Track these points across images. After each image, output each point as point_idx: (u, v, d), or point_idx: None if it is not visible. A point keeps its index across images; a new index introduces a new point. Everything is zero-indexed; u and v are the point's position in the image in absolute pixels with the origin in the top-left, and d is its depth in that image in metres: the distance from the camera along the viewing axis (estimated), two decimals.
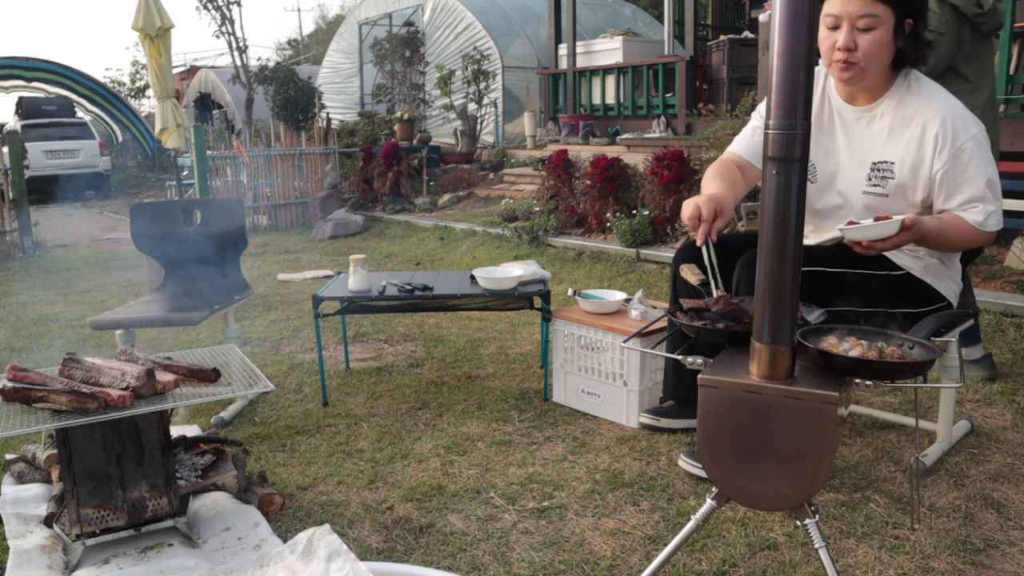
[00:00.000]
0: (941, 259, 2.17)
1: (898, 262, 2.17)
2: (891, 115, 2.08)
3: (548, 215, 6.48)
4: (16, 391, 1.86)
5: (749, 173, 2.31)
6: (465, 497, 2.29)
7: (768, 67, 1.44)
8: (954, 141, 1.98)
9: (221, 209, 3.42)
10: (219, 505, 2.20)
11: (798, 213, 1.44)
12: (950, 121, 1.99)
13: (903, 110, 2.06)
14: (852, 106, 2.15)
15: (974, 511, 2.09)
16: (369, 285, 3.07)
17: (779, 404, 1.49)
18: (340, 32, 16.26)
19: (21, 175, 7.75)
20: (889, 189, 2.09)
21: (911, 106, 2.05)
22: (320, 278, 5.88)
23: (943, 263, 2.18)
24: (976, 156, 1.98)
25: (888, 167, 2.08)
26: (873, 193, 2.11)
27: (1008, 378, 3.02)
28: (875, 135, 2.10)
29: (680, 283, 2.47)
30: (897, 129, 2.07)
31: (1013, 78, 4.56)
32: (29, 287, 6.07)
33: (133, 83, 26.21)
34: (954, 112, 2.01)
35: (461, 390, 3.20)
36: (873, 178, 2.11)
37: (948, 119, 1.99)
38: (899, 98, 2.07)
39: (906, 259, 2.17)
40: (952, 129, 1.98)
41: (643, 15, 13.80)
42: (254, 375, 2.08)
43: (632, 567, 1.91)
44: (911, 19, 2.00)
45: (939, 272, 2.17)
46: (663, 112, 8.79)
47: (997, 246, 4.47)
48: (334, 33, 17.27)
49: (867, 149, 2.12)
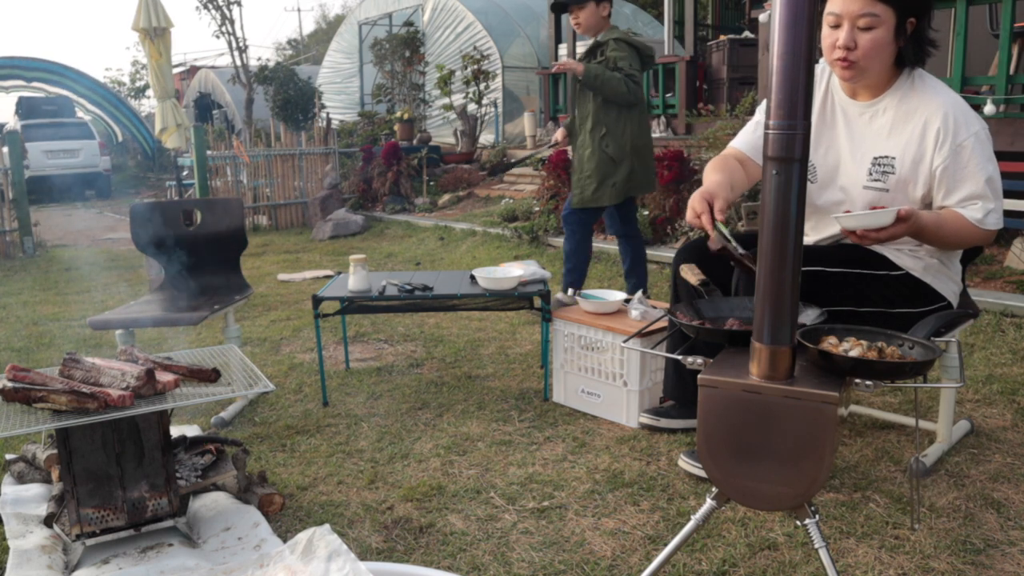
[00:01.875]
0: (941, 259, 2.17)
1: (898, 262, 2.16)
2: (893, 110, 2.08)
3: (548, 215, 6.48)
4: (16, 391, 1.86)
5: (749, 167, 2.30)
6: (465, 497, 2.29)
7: (768, 67, 1.44)
8: (955, 137, 1.98)
9: (221, 209, 3.42)
10: (219, 505, 2.20)
11: (798, 213, 1.44)
12: (952, 117, 1.99)
13: (905, 105, 2.06)
14: (855, 101, 2.15)
15: (974, 511, 2.09)
16: (369, 285, 3.07)
17: (779, 404, 1.49)
18: (340, 32, 16.26)
19: (21, 175, 7.75)
20: (890, 184, 2.09)
21: (913, 102, 2.05)
22: (320, 278, 5.88)
23: (943, 263, 2.17)
24: (977, 153, 1.98)
25: (889, 162, 2.08)
26: (874, 188, 2.11)
27: (1008, 378, 3.02)
28: (877, 130, 2.11)
29: (681, 283, 2.47)
30: (899, 124, 2.07)
31: (1013, 78, 4.56)
32: (29, 287, 6.07)
33: (133, 83, 26.23)
34: (956, 108, 2.01)
35: (461, 390, 3.20)
36: (874, 173, 2.11)
37: (951, 115, 1.99)
38: (902, 94, 2.07)
39: (906, 259, 2.16)
40: (954, 125, 1.98)
41: (643, 15, 13.80)
42: (254, 375, 2.08)
43: (632, 567, 1.91)
44: (913, 19, 2.00)
45: (939, 272, 2.17)
46: (663, 112, 8.79)
47: (997, 246, 4.47)
48: (334, 33, 17.27)
49: (869, 144, 2.12)
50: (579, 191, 3.99)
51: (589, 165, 3.94)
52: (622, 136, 3.93)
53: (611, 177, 3.94)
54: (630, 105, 3.93)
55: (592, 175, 3.93)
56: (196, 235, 3.39)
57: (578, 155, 4.02)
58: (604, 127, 3.93)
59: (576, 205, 4.02)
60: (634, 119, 3.98)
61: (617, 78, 3.81)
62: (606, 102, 3.91)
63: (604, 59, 3.89)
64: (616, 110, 3.92)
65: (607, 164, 3.92)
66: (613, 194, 3.94)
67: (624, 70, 3.84)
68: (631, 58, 3.89)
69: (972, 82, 4.75)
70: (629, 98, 3.88)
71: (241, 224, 3.41)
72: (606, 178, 3.93)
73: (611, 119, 3.92)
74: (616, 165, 3.92)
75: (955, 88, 4.68)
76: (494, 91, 11.77)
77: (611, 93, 3.84)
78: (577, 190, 4.00)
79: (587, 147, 3.95)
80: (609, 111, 3.91)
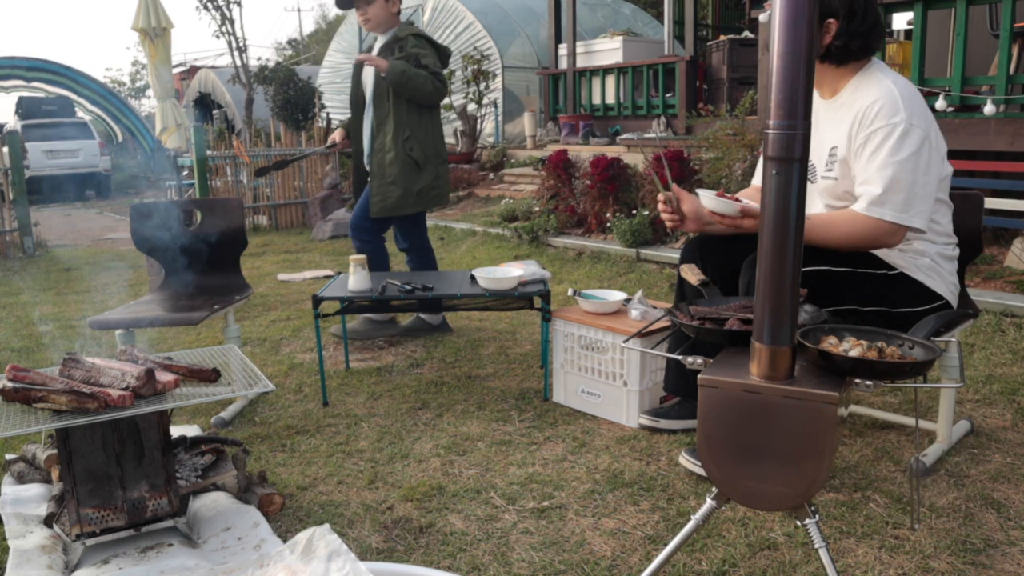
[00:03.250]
0: (933, 258, 2.19)
1: (889, 260, 2.20)
2: (847, 103, 2.17)
3: (548, 215, 6.49)
4: (16, 391, 1.86)
5: None
6: (465, 497, 2.29)
7: (768, 67, 1.44)
8: (871, 124, 2.05)
9: (221, 209, 3.42)
10: (219, 505, 2.20)
11: (798, 213, 1.44)
12: (878, 105, 2.05)
13: (854, 96, 2.15)
14: (823, 100, 2.26)
15: (974, 511, 2.09)
16: (369, 285, 3.07)
17: (779, 404, 1.49)
18: (340, 32, 16.25)
19: (21, 175, 7.75)
20: (837, 172, 2.19)
21: (861, 92, 2.14)
22: (320, 278, 5.88)
23: (935, 262, 2.19)
24: (887, 144, 2.02)
25: (835, 152, 2.18)
26: (828, 178, 2.23)
27: (1008, 378, 3.02)
28: (835, 124, 2.20)
29: (686, 282, 2.48)
30: (846, 115, 2.15)
31: (1013, 78, 4.56)
32: (29, 287, 6.07)
33: (133, 83, 26.25)
34: (888, 98, 2.05)
35: (461, 390, 3.20)
36: (829, 163, 2.22)
37: (877, 103, 2.05)
38: (855, 87, 2.16)
39: (896, 258, 2.19)
40: (876, 113, 2.05)
41: (643, 15, 13.80)
42: (254, 375, 2.08)
43: (632, 567, 1.91)
44: (832, 19, 2.09)
45: (931, 271, 2.18)
46: (663, 112, 8.79)
47: (997, 246, 4.47)
48: (334, 33, 17.26)
49: (827, 136, 2.22)
50: (379, 199, 3.74)
51: (392, 170, 3.71)
52: (426, 139, 3.75)
53: (415, 183, 3.74)
54: (430, 106, 3.74)
55: (396, 181, 3.71)
56: (196, 235, 3.39)
57: (376, 160, 3.77)
58: (407, 129, 3.71)
59: (376, 214, 3.77)
60: (435, 121, 3.80)
61: (423, 76, 3.60)
62: (408, 102, 3.68)
63: (404, 55, 3.65)
64: (418, 111, 3.72)
65: (411, 169, 3.72)
66: (416, 202, 3.75)
67: (429, 68, 3.64)
68: (434, 56, 3.71)
69: (972, 82, 4.74)
70: (434, 97, 3.69)
71: (241, 224, 3.41)
72: (411, 184, 3.73)
73: (413, 120, 3.72)
74: (420, 170, 3.74)
75: (955, 88, 4.68)
76: (494, 91, 11.76)
77: (416, 92, 3.62)
78: (377, 198, 3.75)
79: (389, 151, 3.72)
80: (411, 112, 3.71)
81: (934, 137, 2.07)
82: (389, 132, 3.72)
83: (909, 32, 7.81)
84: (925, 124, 2.03)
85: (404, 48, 3.70)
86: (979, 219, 2.47)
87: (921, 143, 2.01)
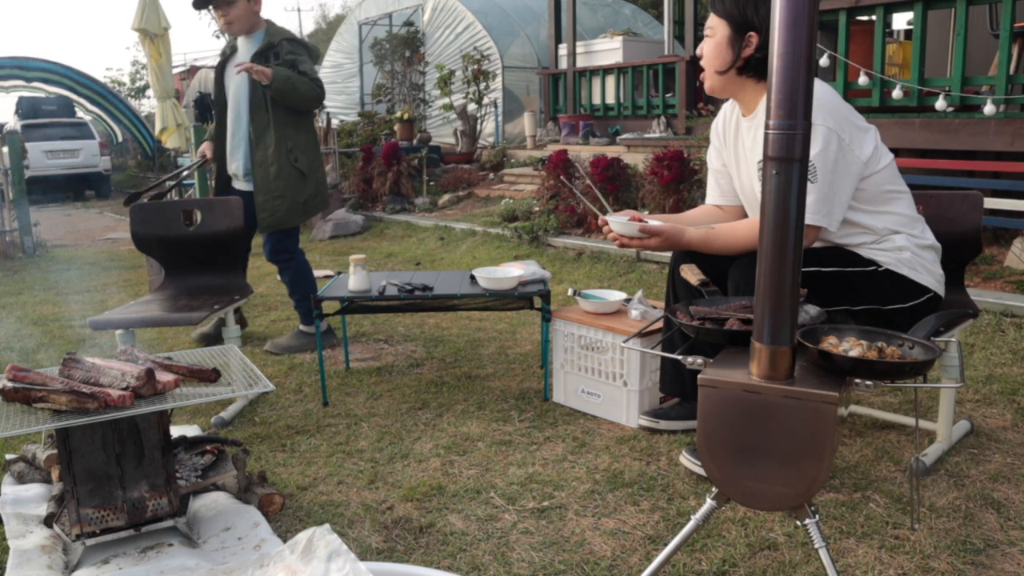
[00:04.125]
0: (913, 251, 2.19)
1: (875, 259, 2.19)
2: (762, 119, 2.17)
3: (548, 215, 6.48)
4: (16, 391, 1.86)
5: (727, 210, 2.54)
6: (465, 497, 2.29)
7: (768, 67, 1.44)
8: None
9: (221, 209, 3.42)
10: (219, 505, 2.20)
11: (798, 213, 1.44)
12: None
13: None
14: (744, 118, 2.32)
15: (974, 511, 2.09)
16: (369, 285, 3.07)
17: (779, 404, 1.49)
18: (340, 32, 16.25)
19: (21, 175, 7.75)
20: None
21: None
22: (320, 278, 5.87)
23: (915, 254, 2.19)
24: None
25: (759, 164, 2.21)
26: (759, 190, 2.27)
27: (1008, 378, 3.02)
28: (757, 141, 2.24)
29: (680, 282, 2.48)
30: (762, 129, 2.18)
31: (1013, 78, 4.56)
32: (29, 287, 6.07)
33: (133, 83, 26.20)
34: None
35: (461, 390, 3.20)
36: (757, 176, 2.26)
37: None
38: None
39: (880, 256, 2.19)
40: None
41: (643, 15, 13.80)
42: (254, 375, 2.08)
43: (632, 567, 1.91)
44: (753, 33, 2.14)
45: (913, 264, 2.18)
46: (663, 112, 8.79)
47: (997, 246, 4.47)
48: (334, 33, 17.26)
49: (751, 153, 2.28)
50: (267, 214, 3.60)
51: (278, 184, 3.57)
52: (307, 147, 3.64)
53: (302, 194, 3.64)
54: (304, 113, 3.63)
55: (283, 194, 3.58)
56: (196, 235, 3.39)
57: (260, 174, 3.59)
58: (290, 139, 3.58)
59: (267, 229, 3.65)
60: (311, 127, 3.70)
61: (306, 82, 3.47)
62: (286, 110, 3.54)
63: (281, 63, 3.50)
64: (296, 118, 3.59)
65: (298, 180, 3.60)
66: (303, 212, 3.66)
67: (308, 74, 3.50)
68: (310, 60, 3.60)
69: (972, 82, 4.74)
70: (315, 104, 3.59)
71: (241, 224, 3.40)
72: (297, 196, 3.63)
73: (293, 129, 3.59)
74: (305, 180, 3.63)
75: (955, 88, 4.68)
76: (494, 91, 11.76)
77: (300, 100, 3.50)
78: (264, 213, 3.60)
79: (272, 163, 3.56)
80: (289, 120, 3.57)
81: (848, 134, 2.06)
82: (271, 144, 3.56)
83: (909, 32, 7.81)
84: (835, 122, 2.03)
85: (280, 55, 3.55)
86: (979, 219, 2.47)
87: (827, 141, 2.02)
